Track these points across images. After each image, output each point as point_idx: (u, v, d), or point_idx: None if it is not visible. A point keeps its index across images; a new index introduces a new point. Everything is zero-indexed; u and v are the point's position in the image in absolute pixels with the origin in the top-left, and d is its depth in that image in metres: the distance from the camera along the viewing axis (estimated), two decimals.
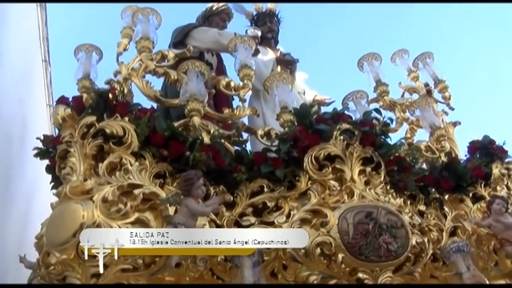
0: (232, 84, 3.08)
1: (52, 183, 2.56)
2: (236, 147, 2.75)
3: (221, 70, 3.97)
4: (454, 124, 3.65)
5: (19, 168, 4.01)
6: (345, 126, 2.61)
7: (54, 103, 2.69)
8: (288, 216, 2.37)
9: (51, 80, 4.84)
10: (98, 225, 1.97)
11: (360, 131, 2.62)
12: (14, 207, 3.90)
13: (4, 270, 3.70)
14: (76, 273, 1.97)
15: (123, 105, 2.35)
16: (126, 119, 2.33)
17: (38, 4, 4.41)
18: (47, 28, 4.65)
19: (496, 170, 3.04)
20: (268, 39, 4.32)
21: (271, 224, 2.35)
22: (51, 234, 2.02)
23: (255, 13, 4.43)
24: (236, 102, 3.61)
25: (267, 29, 4.32)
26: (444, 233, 2.71)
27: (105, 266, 1.97)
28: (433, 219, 2.75)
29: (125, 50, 3.23)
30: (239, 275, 2.03)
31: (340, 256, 2.24)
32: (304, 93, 4.12)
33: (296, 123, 2.68)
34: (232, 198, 2.41)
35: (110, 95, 2.38)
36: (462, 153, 3.36)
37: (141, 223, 2.05)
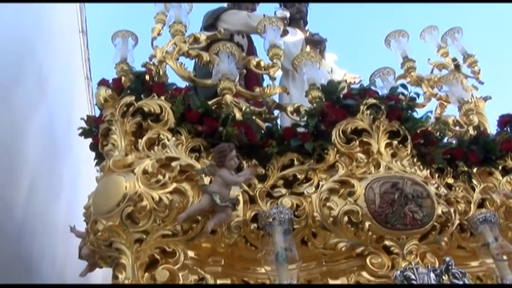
0: (262, 63, 3.17)
1: (96, 160, 2.75)
2: (267, 124, 2.86)
3: (251, 51, 4.09)
4: (485, 99, 3.65)
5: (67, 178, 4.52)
6: (372, 101, 2.66)
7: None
8: (317, 187, 2.46)
9: (93, 95, 5.38)
10: (140, 195, 2.12)
11: (387, 106, 2.67)
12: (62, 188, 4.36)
13: (55, 241, 4.03)
14: (121, 239, 2.14)
15: (160, 85, 2.49)
16: (163, 98, 2.46)
17: (80, 30, 5.14)
18: (89, 50, 5.38)
19: None
20: (297, 19, 4.41)
21: (301, 195, 2.45)
22: (98, 204, 2.19)
23: None
24: (266, 82, 3.74)
25: (296, 10, 4.41)
26: (472, 205, 2.73)
27: (147, 232, 2.15)
28: (461, 191, 2.78)
29: (158, 34, 3.37)
30: (271, 242, 2.15)
31: (367, 224, 2.32)
32: (332, 72, 4.18)
33: (324, 99, 2.76)
34: (264, 171, 2.52)
35: (147, 76, 2.53)
36: (493, 128, 3.37)
37: (179, 192, 2.19)
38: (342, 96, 2.74)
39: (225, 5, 4.19)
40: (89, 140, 2.92)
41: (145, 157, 2.28)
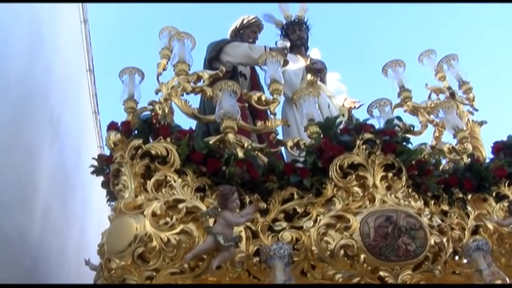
0: (263, 98, 3.31)
1: (107, 197, 2.94)
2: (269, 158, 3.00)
3: (255, 79, 4.26)
4: (480, 123, 3.75)
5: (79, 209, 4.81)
6: (367, 136, 2.78)
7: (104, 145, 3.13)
8: (315, 221, 2.61)
9: (101, 127, 5.99)
10: (149, 236, 2.29)
11: (382, 140, 2.79)
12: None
13: (68, 268, 4.23)
14: (133, 276, 2.31)
15: (165, 128, 2.66)
16: (168, 140, 2.64)
17: (88, 69, 5.53)
18: (95, 86, 5.80)
19: None
20: (298, 46, 4.55)
21: (300, 229, 2.60)
22: (111, 244, 2.37)
23: (284, 22, 4.67)
24: None
25: (296, 36, 4.55)
26: (466, 232, 2.88)
27: (157, 270, 2.32)
28: (456, 218, 2.92)
29: (164, 69, 3.55)
30: (272, 275, 2.31)
31: (362, 257, 2.47)
32: (333, 97, 4.32)
33: (321, 135, 2.91)
34: (265, 205, 2.67)
35: (153, 120, 2.70)
36: (490, 153, 3.47)
37: (185, 233, 2.36)
38: (339, 131, 2.89)
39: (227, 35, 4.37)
40: None
41: (153, 199, 2.45)
